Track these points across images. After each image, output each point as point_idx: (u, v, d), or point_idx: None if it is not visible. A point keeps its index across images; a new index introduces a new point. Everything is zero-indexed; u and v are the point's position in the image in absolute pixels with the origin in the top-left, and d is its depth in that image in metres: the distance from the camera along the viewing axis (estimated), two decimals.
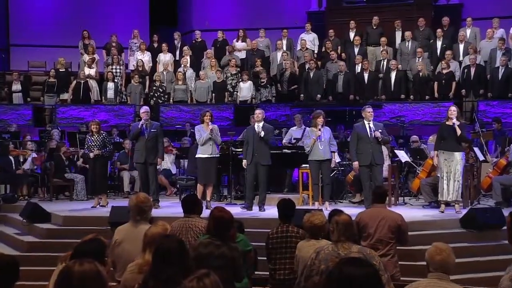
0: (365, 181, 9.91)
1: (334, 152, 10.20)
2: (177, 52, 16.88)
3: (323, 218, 5.38)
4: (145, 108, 10.84)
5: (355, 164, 9.99)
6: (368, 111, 9.90)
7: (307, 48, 16.01)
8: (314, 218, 5.38)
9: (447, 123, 9.60)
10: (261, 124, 10.18)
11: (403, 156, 11.58)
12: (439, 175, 9.93)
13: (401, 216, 6.30)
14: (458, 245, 7.98)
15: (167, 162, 13.07)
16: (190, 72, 16.09)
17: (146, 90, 16.02)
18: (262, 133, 10.06)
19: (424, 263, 3.98)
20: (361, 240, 6.14)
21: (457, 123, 9.43)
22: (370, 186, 9.79)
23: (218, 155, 10.41)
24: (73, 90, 15.81)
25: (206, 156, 10.37)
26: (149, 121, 10.65)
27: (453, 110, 9.57)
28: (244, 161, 10.23)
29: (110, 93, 15.80)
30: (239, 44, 16.68)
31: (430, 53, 15.34)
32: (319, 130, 10.04)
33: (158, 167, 11.03)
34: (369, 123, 9.88)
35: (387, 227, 6.12)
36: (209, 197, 10.39)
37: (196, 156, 10.55)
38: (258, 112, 10.25)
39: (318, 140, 10.04)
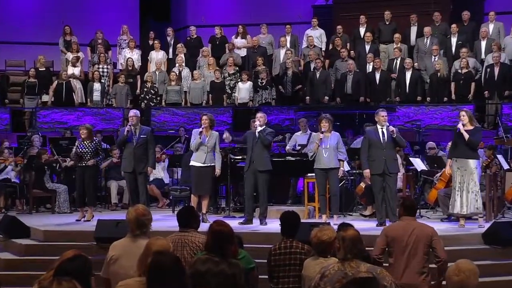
0: (377, 192, 9.89)
1: (342, 160, 10.19)
2: (170, 50, 16.90)
3: (332, 234, 5.34)
4: (133, 112, 10.84)
5: (366, 172, 9.99)
6: (382, 115, 9.90)
7: (314, 46, 16.03)
8: (322, 233, 5.36)
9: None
10: (262, 127, 10.14)
11: (418, 164, 11.58)
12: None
13: (433, 228, 6.28)
14: (480, 263, 7.93)
15: (159, 171, 13.07)
16: (186, 72, 16.12)
17: (138, 91, 16.02)
18: (259, 128, 10.01)
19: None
20: (389, 257, 6.12)
21: (462, 127, 9.42)
22: (383, 197, 9.79)
23: (213, 164, 10.38)
24: (54, 91, 15.80)
25: (198, 165, 10.38)
26: (138, 126, 10.65)
27: (462, 114, 9.60)
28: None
29: (96, 95, 15.81)
30: (238, 41, 16.71)
31: (445, 50, 15.36)
32: (322, 134, 10.05)
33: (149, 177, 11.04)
34: (382, 128, 9.88)
35: (419, 241, 6.08)
36: (205, 209, 10.38)
37: (190, 163, 10.57)
38: (260, 116, 10.24)
39: (322, 146, 10.04)
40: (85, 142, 10.71)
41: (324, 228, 5.46)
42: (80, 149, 10.68)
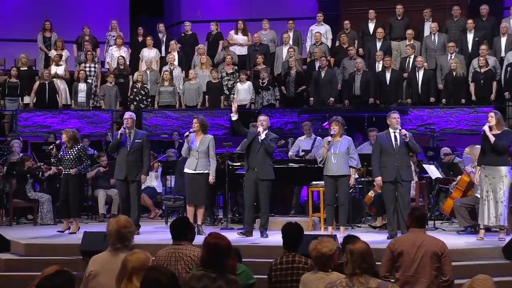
0: (388, 202, 9.86)
1: (353, 167, 10.16)
2: (163, 48, 16.92)
3: (333, 246, 5.34)
4: (129, 114, 10.82)
5: (378, 180, 9.97)
6: (394, 117, 9.88)
7: (320, 43, 16.04)
8: (322, 245, 5.35)
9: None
10: (265, 132, 10.12)
11: (433, 171, 11.56)
12: (477, 194, 9.90)
13: (443, 242, 6.26)
14: (500, 279, 7.94)
15: (152, 179, 13.05)
16: (178, 71, 16.13)
17: (129, 92, 16.04)
18: (263, 135, 10.04)
19: None
20: (396, 272, 6.10)
21: (488, 130, 9.39)
22: (394, 207, 9.78)
23: (206, 171, 10.33)
24: (36, 92, 15.77)
25: (190, 172, 10.38)
26: (133, 130, 10.65)
27: (490, 115, 9.55)
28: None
29: (81, 96, 15.80)
30: (239, 38, 16.72)
31: (460, 48, 15.36)
32: (330, 137, 10.05)
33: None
34: (394, 132, 9.87)
35: (428, 255, 6.06)
36: (200, 220, 10.36)
37: (184, 171, 10.58)
38: (262, 119, 10.22)
39: (330, 151, 10.03)
40: (67, 148, 10.69)
41: (324, 240, 5.44)
42: (63, 156, 10.68)
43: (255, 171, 10.07)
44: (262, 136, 10.04)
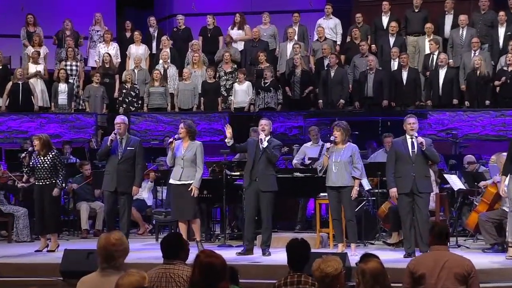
0: (405, 216, 9.84)
1: (356, 178, 10.10)
2: (153, 44, 16.92)
3: (339, 265, 5.31)
4: (121, 118, 10.79)
5: (392, 191, 9.95)
6: (409, 122, 9.86)
7: (326, 38, 16.03)
8: (326, 265, 5.32)
9: None
10: (267, 138, 10.13)
11: (455, 182, 11.54)
12: (505, 208, 9.87)
13: (470, 261, 6.23)
14: None
15: (142, 191, 13.00)
16: (173, 70, 16.13)
17: (116, 94, 16.05)
18: (266, 143, 10.03)
19: None
20: None
21: None
22: (411, 222, 9.75)
23: (190, 182, 10.22)
24: (9, 93, 15.72)
25: (174, 183, 10.38)
26: (125, 136, 10.64)
27: None
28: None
29: (63, 98, 15.78)
30: (234, 33, 16.73)
31: (491, 44, 15.36)
32: (330, 144, 10.03)
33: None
34: (411, 138, 9.86)
35: (453, 276, 6.02)
36: (198, 236, 10.38)
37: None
38: (264, 123, 10.21)
39: (332, 160, 10.01)
40: (40, 156, 10.64)
41: (329, 259, 5.42)
42: (35, 165, 10.64)
43: (255, 182, 10.06)
44: (265, 143, 10.04)
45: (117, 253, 5.12)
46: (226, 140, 10.23)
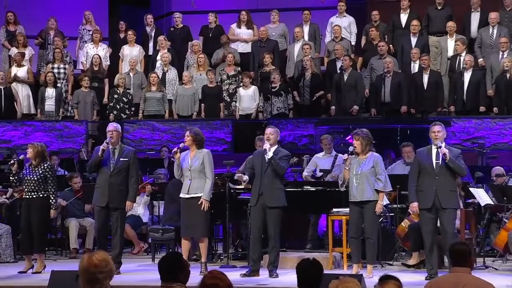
0: (427, 234, 9.81)
1: (380, 191, 10.09)
2: (150, 45, 16.95)
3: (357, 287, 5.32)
4: (113, 126, 10.79)
5: (413, 206, 9.93)
6: (433, 130, 9.86)
7: (342, 38, 16.04)
8: (343, 286, 5.33)
9: None
10: (273, 149, 10.13)
11: (482, 196, 11.50)
12: None
13: (493, 286, 6.21)
14: None
15: (137, 206, 12.99)
16: (173, 74, 16.15)
17: (105, 99, 16.05)
18: (271, 153, 10.03)
19: None
20: None
21: None
22: (434, 241, 9.72)
23: (200, 194, 10.23)
24: None
25: (184, 196, 10.37)
26: (118, 146, 10.63)
27: None
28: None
29: (50, 104, 15.82)
30: (241, 32, 16.75)
31: None
32: (349, 154, 10.02)
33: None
34: (436, 148, 9.84)
35: None
36: (204, 257, 10.38)
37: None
38: (269, 132, 10.21)
39: (352, 172, 10.01)
40: (31, 166, 10.66)
41: (346, 280, 5.42)
42: (25, 175, 10.64)
43: (262, 197, 10.05)
44: (270, 154, 10.03)
45: (102, 275, 5.10)
46: (243, 180, 10.46)
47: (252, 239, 10.28)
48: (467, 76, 14.82)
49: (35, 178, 10.59)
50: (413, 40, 15.74)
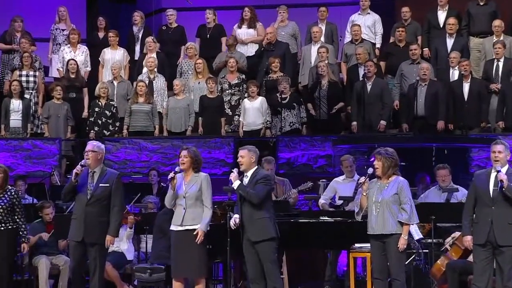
0: (479, 274, 9.68)
1: (404, 224, 9.97)
2: (137, 48, 17.00)
3: None
4: (92, 145, 10.68)
5: (466, 240, 9.86)
6: (493, 150, 9.78)
7: (363, 40, 16.02)
8: None
9: None
10: (249, 173, 10.16)
11: None
12: None
13: None
14: None
15: (120, 241, 12.94)
16: (161, 82, 16.15)
17: (85, 113, 16.03)
18: (236, 184, 10.09)
19: None
20: None
21: None
22: (488, 283, 9.61)
23: (196, 226, 10.19)
24: None
25: (176, 229, 10.32)
26: (99, 168, 10.56)
27: None
28: None
29: (16, 119, 15.87)
30: (243, 32, 16.77)
31: None
32: (367, 177, 9.95)
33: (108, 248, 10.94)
34: (496, 172, 9.74)
35: None
36: None
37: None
38: (241, 155, 10.27)
39: (372, 200, 9.93)
40: None
41: None
42: None
43: (244, 231, 10.18)
44: (235, 184, 10.12)
45: None
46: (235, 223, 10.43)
47: (250, 281, 10.30)
48: None
49: (3, 207, 10.68)
50: (449, 42, 15.77)
